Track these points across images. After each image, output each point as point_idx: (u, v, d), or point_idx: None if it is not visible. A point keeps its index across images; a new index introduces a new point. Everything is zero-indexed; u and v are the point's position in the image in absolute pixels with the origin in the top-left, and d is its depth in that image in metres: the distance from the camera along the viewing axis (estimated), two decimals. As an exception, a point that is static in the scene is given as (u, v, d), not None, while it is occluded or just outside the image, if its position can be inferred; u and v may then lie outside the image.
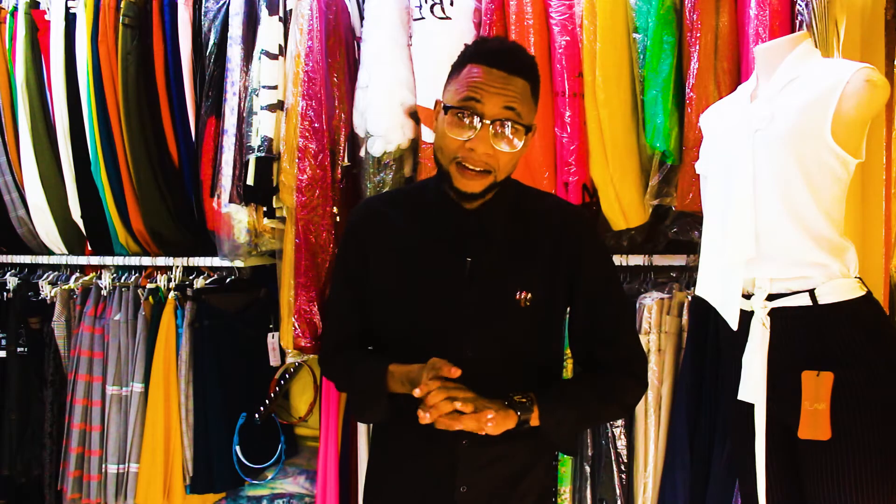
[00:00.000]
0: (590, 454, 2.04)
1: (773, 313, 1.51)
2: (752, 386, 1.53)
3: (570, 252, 1.29)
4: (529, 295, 1.25)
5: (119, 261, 2.65)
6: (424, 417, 1.11)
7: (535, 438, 1.25)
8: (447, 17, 2.06)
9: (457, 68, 1.23)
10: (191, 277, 2.59)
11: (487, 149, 1.16)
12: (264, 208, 2.28)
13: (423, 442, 1.25)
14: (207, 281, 2.57)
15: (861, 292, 1.48)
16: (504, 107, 1.16)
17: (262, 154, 2.19)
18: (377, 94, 2.09)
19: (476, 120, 1.15)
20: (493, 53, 1.19)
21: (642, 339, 1.98)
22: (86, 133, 2.54)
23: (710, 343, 1.89)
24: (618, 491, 2.00)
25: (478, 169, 1.18)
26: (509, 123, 1.16)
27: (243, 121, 2.26)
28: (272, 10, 2.22)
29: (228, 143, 2.29)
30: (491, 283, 1.26)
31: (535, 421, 1.19)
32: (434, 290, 1.26)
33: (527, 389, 1.22)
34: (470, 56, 1.21)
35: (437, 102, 1.26)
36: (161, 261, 2.57)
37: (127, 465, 2.43)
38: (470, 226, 1.26)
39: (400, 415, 1.25)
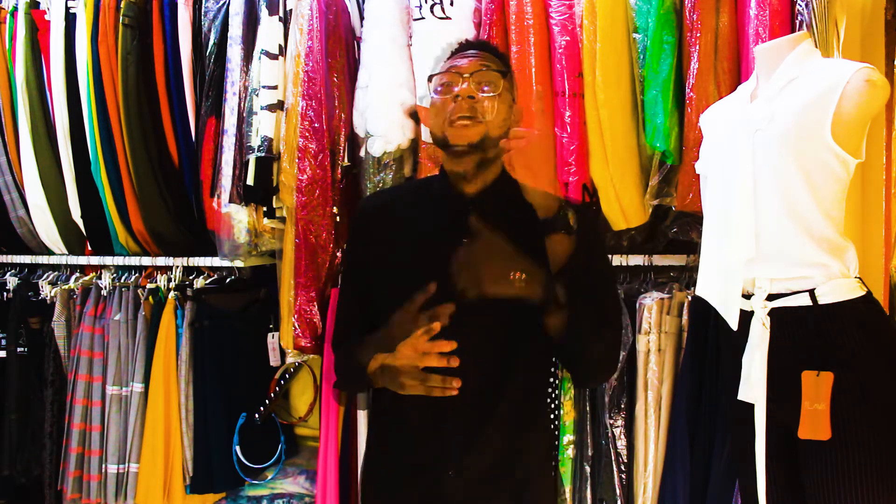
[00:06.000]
0: (590, 454, 2.04)
1: (773, 313, 1.51)
2: (752, 386, 1.53)
3: None
4: (524, 276, 1.27)
5: (119, 261, 2.65)
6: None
7: (525, 414, 1.33)
8: (447, 17, 2.06)
9: (437, 73, 1.40)
10: (191, 277, 2.59)
11: (471, 92, 1.30)
12: (264, 208, 2.28)
13: (414, 426, 1.32)
14: (207, 281, 2.57)
15: (861, 292, 1.48)
16: (479, 64, 1.34)
17: (262, 154, 2.19)
18: (377, 94, 2.09)
19: (458, 78, 1.33)
20: (463, 47, 1.42)
21: (642, 338, 1.99)
22: (86, 133, 2.54)
23: (710, 343, 1.89)
24: (618, 491, 2.00)
25: (467, 115, 1.29)
26: (485, 68, 1.33)
27: (243, 121, 2.26)
28: (272, 10, 2.22)
29: (228, 143, 2.29)
30: (486, 264, 1.28)
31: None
32: (430, 273, 1.29)
33: (521, 371, 1.32)
34: (446, 61, 1.41)
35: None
36: (161, 261, 2.57)
37: (127, 465, 2.43)
38: (467, 211, 1.29)
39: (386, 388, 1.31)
